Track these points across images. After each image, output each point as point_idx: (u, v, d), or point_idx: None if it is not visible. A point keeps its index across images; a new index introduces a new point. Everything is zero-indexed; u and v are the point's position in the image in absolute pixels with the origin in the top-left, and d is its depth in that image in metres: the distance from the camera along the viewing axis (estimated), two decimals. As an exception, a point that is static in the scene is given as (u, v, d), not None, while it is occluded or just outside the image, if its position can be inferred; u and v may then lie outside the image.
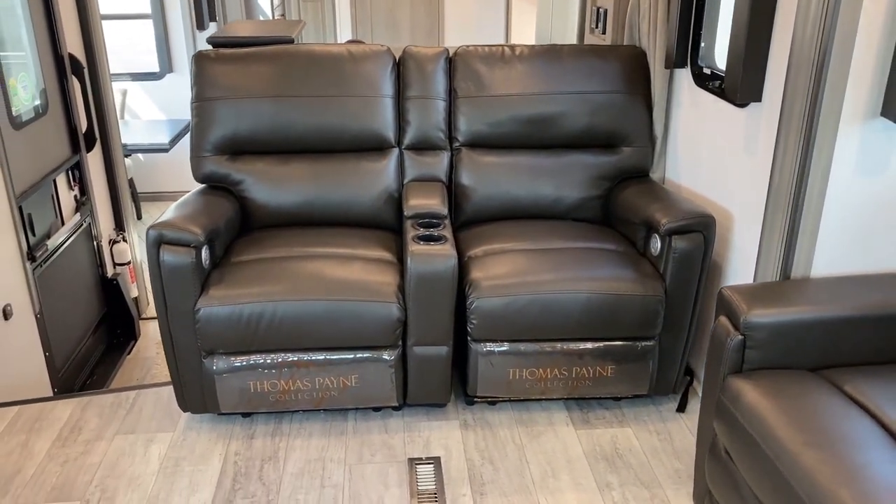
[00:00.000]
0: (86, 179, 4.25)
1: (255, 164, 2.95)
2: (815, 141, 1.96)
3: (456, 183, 3.02)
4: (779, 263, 2.13)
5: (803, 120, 1.98)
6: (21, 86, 3.68)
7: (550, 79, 3.00)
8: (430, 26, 6.59)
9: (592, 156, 3.04)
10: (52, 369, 3.69)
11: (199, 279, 2.44)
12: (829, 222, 2.06)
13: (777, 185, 2.12)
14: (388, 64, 2.99)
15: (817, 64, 1.92)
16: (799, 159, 2.01)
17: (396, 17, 6.55)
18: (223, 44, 3.06)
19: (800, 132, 2.00)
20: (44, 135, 3.77)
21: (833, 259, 2.10)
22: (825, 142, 1.96)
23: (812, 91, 1.94)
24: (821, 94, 1.91)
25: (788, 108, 2.04)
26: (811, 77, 1.94)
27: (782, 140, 2.08)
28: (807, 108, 1.97)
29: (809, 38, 1.94)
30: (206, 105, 2.92)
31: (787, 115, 2.05)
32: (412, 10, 6.54)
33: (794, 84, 2.02)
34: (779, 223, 2.12)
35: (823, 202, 2.03)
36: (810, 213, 2.04)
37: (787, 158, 2.06)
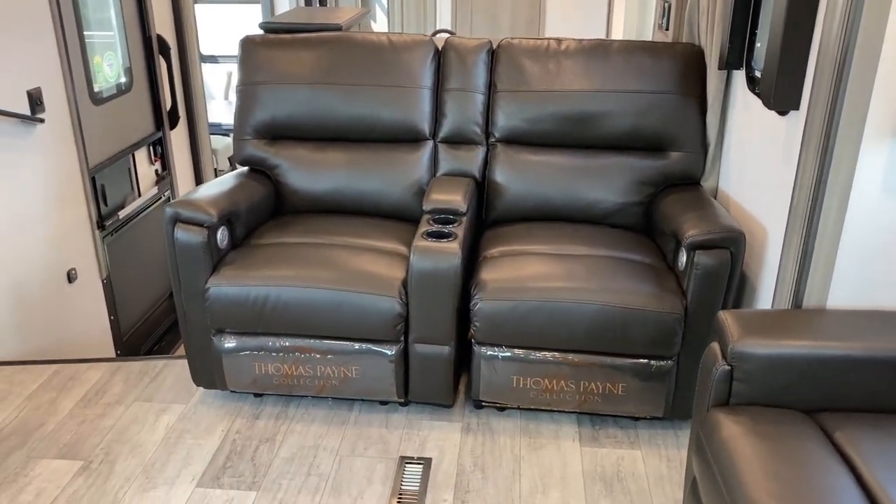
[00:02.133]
0: (167, 155, 4.48)
1: (292, 149, 2.99)
2: (833, 156, 1.74)
3: (489, 180, 2.93)
4: (791, 290, 1.92)
5: (822, 132, 1.76)
6: (107, 63, 3.91)
7: (596, 76, 2.84)
8: (530, 16, 6.46)
9: (636, 159, 2.86)
10: (116, 333, 3.92)
11: (210, 258, 2.50)
12: (848, 248, 1.83)
13: (796, 203, 1.90)
14: (430, 54, 2.94)
15: (838, 69, 1.70)
16: (815, 176, 1.80)
17: (497, 6, 6.46)
18: (274, 29, 3.11)
19: (818, 146, 1.78)
20: (125, 111, 3.99)
21: (853, 289, 1.87)
22: (844, 158, 1.74)
23: (831, 100, 1.72)
24: (839, 104, 1.69)
25: (810, 118, 1.83)
26: (832, 84, 1.72)
27: (803, 154, 1.86)
28: (826, 118, 1.75)
29: (834, 39, 1.72)
30: (250, 89, 2.98)
31: (808, 126, 1.83)
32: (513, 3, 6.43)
33: (816, 92, 1.80)
34: (794, 246, 1.91)
35: (842, 225, 1.81)
36: (826, 237, 1.82)
37: (805, 174, 1.85)
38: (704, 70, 2.81)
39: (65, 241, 3.43)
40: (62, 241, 3.41)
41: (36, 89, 3.16)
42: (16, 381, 2.84)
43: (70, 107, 3.42)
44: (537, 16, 6.44)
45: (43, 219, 3.26)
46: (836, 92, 1.70)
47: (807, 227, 1.84)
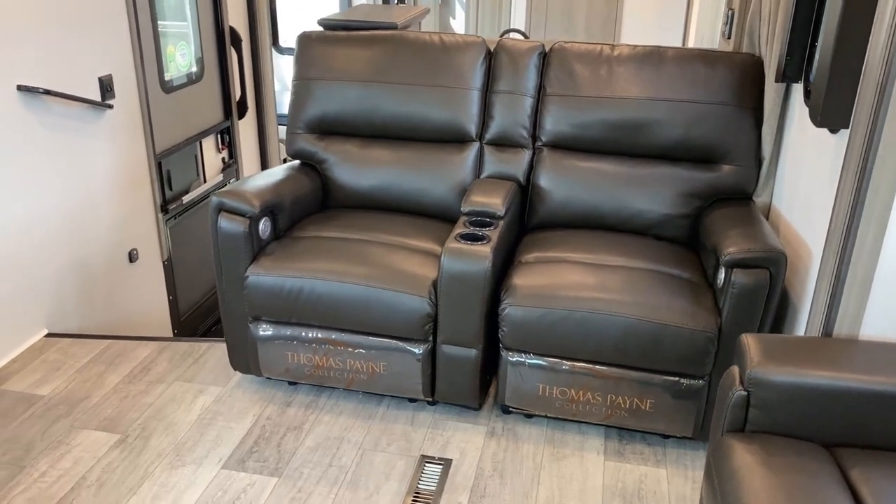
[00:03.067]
0: (234, 144, 4.62)
1: (341, 144, 3.04)
2: (871, 179, 1.65)
3: (533, 184, 2.91)
4: (822, 317, 1.83)
5: (861, 153, 1.68)
6: (179, 53, 4.06)
7: (648, 83, 2.78)
8: (606, 17, 6.35)
9: (685, 170, 2.78)
10: (174, 313, 4.08)
11: (251, 247, 2.57)
12: (885, 277, 1.74)
13: (833, 226, 1.82)
14: (481, 55, 2.93)
15: (880, 88, 1.61)
16: (852, 199, 1.71)
17: (573, 6, 6.38)
18: (332, 26, 3.16)
19: (857, 167, 1.69)
20: (195, 100, 4.14)
21: (889, 321, 1.77)
22: (883, 182, 1.65)
23: (871, 120, 1.63)
24: (880, 125, 1.61)
25: (852, 138, 1.74)
26: (873, 104, 1.63)
27: (843, 175, 1.78)
28: (866, 139, 1.66)
29: (878, 57, 1.63)
30: (304, 84, 3.04)
31: (850, 146, 1.75)
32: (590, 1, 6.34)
33: (859, 111, 1.71)
34: (828, 271, 1.82)
35: (879, 253, 1.71)
36: (861, 264, 1.73)
37: (843, 197, 1.76)
38: (762, 81, 2.71)
39: (128, 223, 3.59)
40: (126, 222, 3.57)
41: (107, 76, 3.32)
42: (70, 353, 2.99)
43: (140, 94, 3.57)
44: (613, 17, 6.33)
45: (108, 200, 3.42)
46: (878, 112, 1.62)
47: (841, 251, 1.75)
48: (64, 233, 3.16)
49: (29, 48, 2.85)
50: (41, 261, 3.04)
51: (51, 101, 2.99)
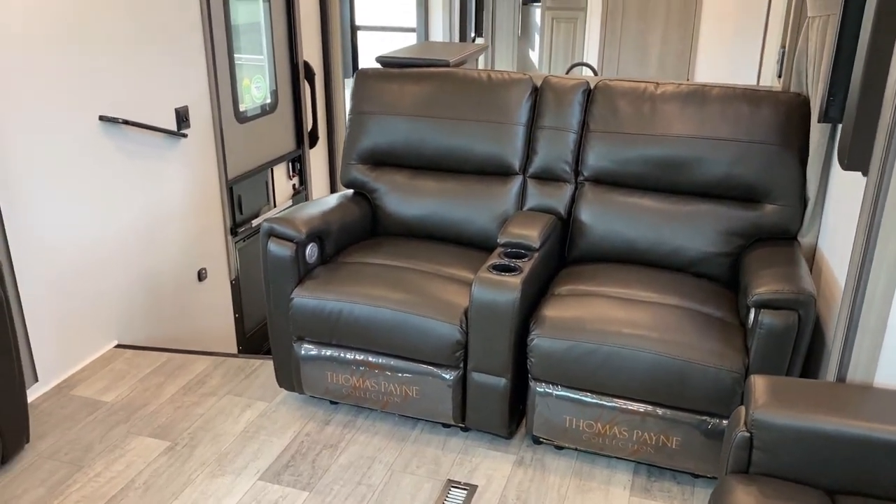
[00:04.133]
0: (305, 171, 4.85)
1: (391, 175, 3.17)
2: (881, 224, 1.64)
3: (574, 217, 2.95)
4: (837, 362, 1.80)
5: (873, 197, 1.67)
6: (255, 86, 4.32)
7: (691, 121, 2.79)
8: (680, 52, 6.32)
9: (727, 208, 2.77)
10: (239, 330, 4.30)
11: (297, 270, 2.72)
12: (899, 323, 1.71)
13: (850, 268, 1.80)
14: (527, 92, 3.02)
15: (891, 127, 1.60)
16: (865, 240, 1.69)
17: (647, 41, 6.38)
18: (388, 63, 3.32)
19: (870, 209, 1.68)
20: (268, 129, 4.39)
21: (905, 368, 1.73)
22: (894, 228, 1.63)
23: (882, 164, 1.62)
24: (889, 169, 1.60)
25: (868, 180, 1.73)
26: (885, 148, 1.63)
27: (860, 218, 1.76)
28: (877, 184, 1.65)
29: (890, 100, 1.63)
30: (359, 118, 3.20)
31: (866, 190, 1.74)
32: (664, 37, 6.32)
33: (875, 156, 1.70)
34: (844, 315, 1.80)
35: (893, 295, 1.69)
36: (874, 307, 1.70)
37: (858, 239, 1.75)
38: (807, 121, 2.68)
39: (199, 243, 3.82)
40: (196, 242, 3.80)
41: (183, 107, 3.57)
42: (135, 364, 3.22)
43: (214, 124, 3.82)
44: (688, 52, 6.29)
45: (181, 221, 3.67)
46: (887, 155, 1.61)
47: (854, 295, 1.73)
48: (138, 251, 3.40)
49: (111, 82, 3.12)
50: (116, 277, 3.29)
51: (129, 130, 3.25)
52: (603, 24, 6.37)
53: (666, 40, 6.31)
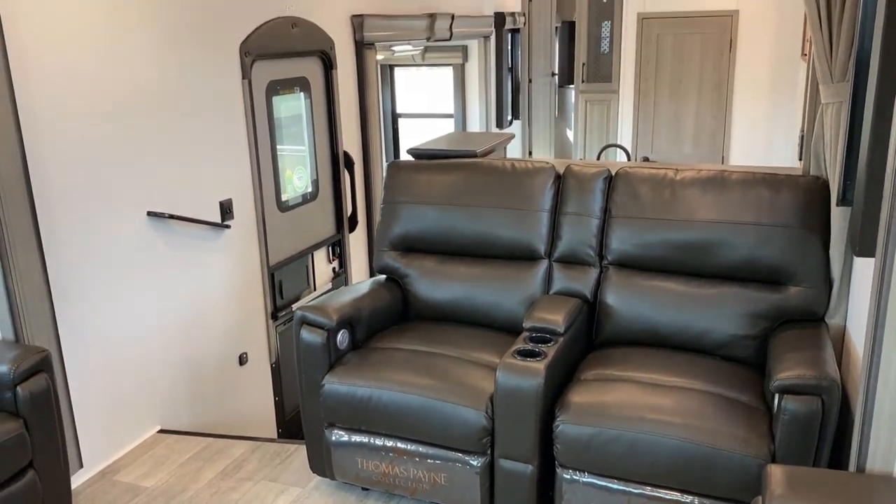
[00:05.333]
0: (345, 255, 5.00)
1: (421, 260, 3.27)
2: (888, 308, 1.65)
3: (600, 301, 2.99)
4: (856, 451, 1.79)
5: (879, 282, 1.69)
6: (297, 176, 4.53)
7: (711, 206, 2.84)
8: (714, 130, 6.39)
9: (751, 291, 2.78)
10: (279, 413, 4.38)
11: (328, 357, 2.80)
12: (914, 412, 1.70)
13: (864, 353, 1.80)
14: (550, 179, 3.12)
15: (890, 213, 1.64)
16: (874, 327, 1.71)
17: (680, 120, 6.48)
18: (419, 154, 3.47)
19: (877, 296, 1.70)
20: (308, 216, 4.57)
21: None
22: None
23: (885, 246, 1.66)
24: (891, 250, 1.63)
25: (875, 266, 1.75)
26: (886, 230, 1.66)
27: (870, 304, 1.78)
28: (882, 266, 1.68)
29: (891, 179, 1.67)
30: (391, 207, 3.33)
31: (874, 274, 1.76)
32: (697, 114, 6.41)
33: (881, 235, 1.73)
34: (861, 401, 1.80)
35: (905, 387, 1.68)
36: (888, 394, 1.70)
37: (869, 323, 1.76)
38: (828, 204, 2.70)
39: (240, 328, 3.96)
40: (238, 328, 3.94)
41: (227, 200, 3.77)
42: (176, 449, 3.31)
43: (257, 214, 4.01)
44: (722, 130, 6.36)
45: (223, 307, 3.82)
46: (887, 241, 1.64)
47: (867, 382, 1.74)
48: (180, 338, 3.55)
49: (159, 179, 3.33)
50: (160, 364, 3.43)
51: (175, 224, 3.44)
52: (635, 105, 6.50)
53: (699, 118, 6.41)
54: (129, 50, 3.12)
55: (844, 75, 2.53)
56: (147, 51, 3.22)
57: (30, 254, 2.74)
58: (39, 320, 2.79)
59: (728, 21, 6.15)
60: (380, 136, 5.23)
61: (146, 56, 3.22)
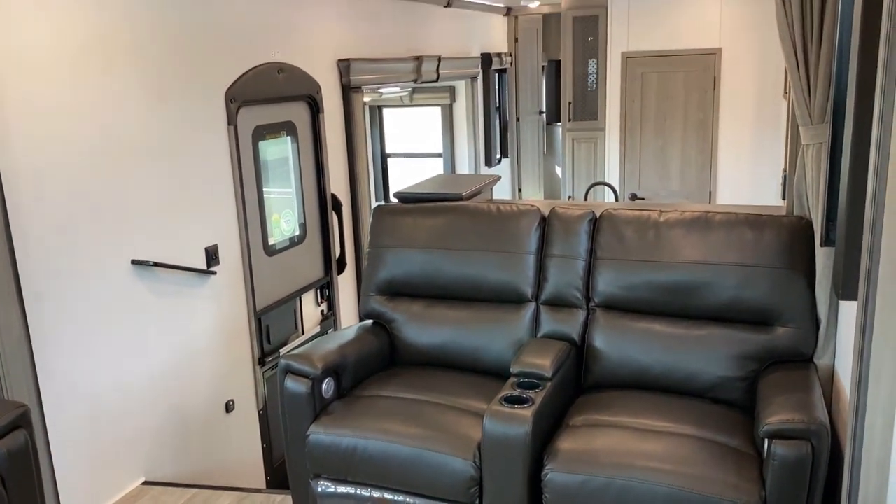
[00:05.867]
0: (333, 297, 4.97)
1: (408, 305, 3.25)
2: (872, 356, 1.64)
3: (588, 344, 2.97)
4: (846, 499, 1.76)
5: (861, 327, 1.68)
6: (284, 220, 4.52)
7: (696, 247, 2.84)
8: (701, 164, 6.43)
9: (738, 332, 2.77)
10: (267, 461, 4.31)
11: (313, 407, 2.77)
12: (902, 460, 1.67)
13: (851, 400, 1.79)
14: (535, 222, 3.12)
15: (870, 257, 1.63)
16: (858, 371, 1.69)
17: (666, 156, 6.52)
18: (405, 198, 3.47)
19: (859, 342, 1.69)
20: (296, 260, 4.55)
21: (913, 508, 1.68)
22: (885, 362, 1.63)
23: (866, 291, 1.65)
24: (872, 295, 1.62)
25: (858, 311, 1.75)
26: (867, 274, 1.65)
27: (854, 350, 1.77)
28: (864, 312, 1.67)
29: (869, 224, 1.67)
30: (376, 251, 3.32)
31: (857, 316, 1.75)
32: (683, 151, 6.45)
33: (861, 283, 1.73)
34: (849, 448, 1.78)
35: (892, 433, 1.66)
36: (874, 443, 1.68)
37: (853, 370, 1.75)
38: (812, 244, 2.71)
39: (227, 375, 3.91)
40: (224, 375, 3.89)
41: (213, 246, 3.75)
42: (160, 501, 3.25)
43: (243, 259, 3.99)
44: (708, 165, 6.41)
45: (209, 355, 3.77)
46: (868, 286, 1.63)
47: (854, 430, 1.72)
48: (165, 387, 3.50)
49: (143, 227, 3.31)
50: (144, 414, 3.38)
51: (160, 272, 3.42)
52: (622, 142, 6.55)
53: (685, 154, 6.46)
54: (113, 100, 3.13)
55: (823, 117, 2.55)
56: (132, 100, 3.22)
57: (9, 305, 2.71)
58: (19, 373, 2.75)
59: (711, 59, 6.23)
60: (368, 178, 5.24)
61: (131, 106, 3.22)
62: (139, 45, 3.24)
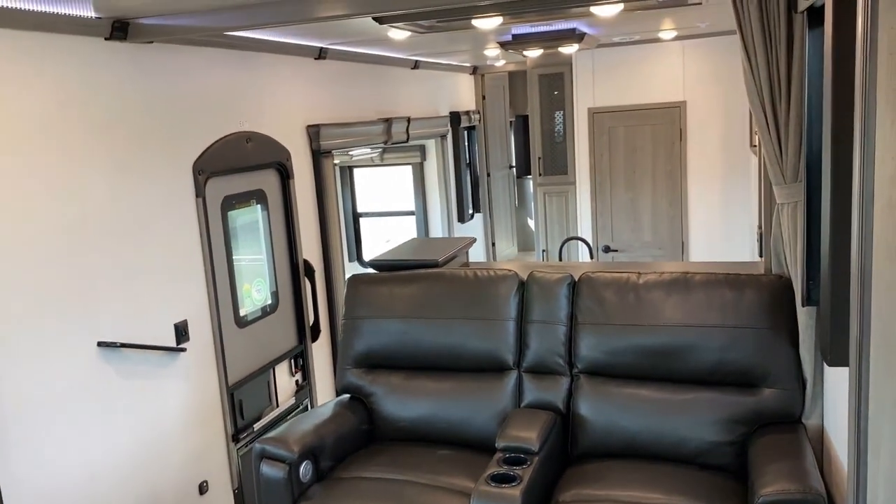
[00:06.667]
0: (308, 366, 4.85)
1: (386, 378, 3.17)
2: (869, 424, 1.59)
3: (573, 412, 2.90)
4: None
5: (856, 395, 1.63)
6: (255, 289, 4.42)
7: (677, 309, 2.81)
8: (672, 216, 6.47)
9: (724, 395, 2.72)
10: (243, 542, 4.13)
11: (290, 493, 2.65)
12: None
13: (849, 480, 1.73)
14: (514, 288, 3.07)
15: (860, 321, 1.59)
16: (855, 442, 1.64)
17: (637, 209, 6.56)
18: (380, 266, 3.41)
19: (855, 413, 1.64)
20: (269, 330, 4.43)
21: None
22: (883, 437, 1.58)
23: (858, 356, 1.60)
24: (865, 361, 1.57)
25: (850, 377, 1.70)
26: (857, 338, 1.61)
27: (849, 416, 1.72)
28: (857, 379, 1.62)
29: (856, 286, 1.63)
30: (351, 323, 3.24)
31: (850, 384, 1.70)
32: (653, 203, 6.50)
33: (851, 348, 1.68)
34: (851, 524, 1.71)
35: (896, 511, 1.60)
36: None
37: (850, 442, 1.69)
38: (793, 303, 2.68)
39: (199, 455, 3.76)
40: (197, 455, 3.74)
41: (182, 322, 3.64)
42: None
43: (214, 333, 3.87)
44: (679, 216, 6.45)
45: (180, 435, 3.62)
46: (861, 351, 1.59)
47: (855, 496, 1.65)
48: (135, 471, 3.34)
49: (109, 306, 3.20)
50: (112, 501, 3.21)
51: (127, 352, 3.29)
52: (592, 195, 6.59)
53: (656, 206, 6.50)
54: (75, 178, 3.05)
55: (796, 176, 2.56)
56: (96, 179, 3.14)
57: (-33, 399, 2.58)
58: (-23, 471, 2.60)
59: (676, 112, 6.33)
60: (340, 241, 5.17)
61: (95, 185, 3.14)
62: (101, 121, 3.18)
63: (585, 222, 6.64)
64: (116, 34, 3.12)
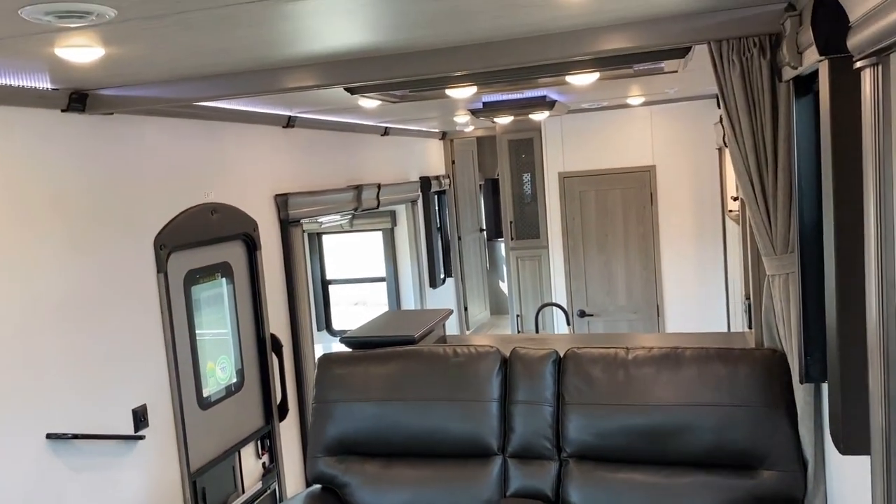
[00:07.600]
0: (276, 447, 4.59)
1: (361, 465, 2.96)
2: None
3: (563, 500, 2.72)
4: None
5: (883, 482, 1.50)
6: (219, 367, 4.19)
7: (668, 387, 2.67)
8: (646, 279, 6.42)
9: (722, 478, 2.57)
10: None
11: None
12: None
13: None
14: (496, 366, 2.92)
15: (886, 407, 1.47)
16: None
17: (611, 272, 6.49)
18: (353, 343, 3.23)
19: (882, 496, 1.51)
20: (234, 410, 4.19)
21: None
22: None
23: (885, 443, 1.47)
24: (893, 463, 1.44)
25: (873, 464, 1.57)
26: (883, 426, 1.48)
27: None
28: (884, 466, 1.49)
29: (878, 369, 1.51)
30: (323, 407, 3.05)
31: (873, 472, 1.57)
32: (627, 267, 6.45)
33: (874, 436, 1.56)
34: None
35: None
36: None
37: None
38: (789, 378, 2.57)
39: (159, 552, 3.47)
40: (156, 551, 3.45)
41: (141, 407, 3.40)
42: None
43: (175, 417, 3.62)
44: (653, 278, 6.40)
45: (139, 531, 3.35)
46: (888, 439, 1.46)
47: None
48: (86, 576, 3.05)
49: (60, 396, 2.96)
50: None
51: (80, 443, 3.04)
52: (565, 259, 6.51)
53: (630, 269, 6.44)
54: (28, 254, 2.85)
55: (787, 247, 2.47)
56: (47, 257, 2.95)
57: None
58: None
59: (646, 175, 6.33)
60: (309, 314, 4.98)
61: (47, 262, 2.94)
62: (55, 195, 3.00)
63: (559, 286, 6.55)
64: (74, 105, 2.97)
